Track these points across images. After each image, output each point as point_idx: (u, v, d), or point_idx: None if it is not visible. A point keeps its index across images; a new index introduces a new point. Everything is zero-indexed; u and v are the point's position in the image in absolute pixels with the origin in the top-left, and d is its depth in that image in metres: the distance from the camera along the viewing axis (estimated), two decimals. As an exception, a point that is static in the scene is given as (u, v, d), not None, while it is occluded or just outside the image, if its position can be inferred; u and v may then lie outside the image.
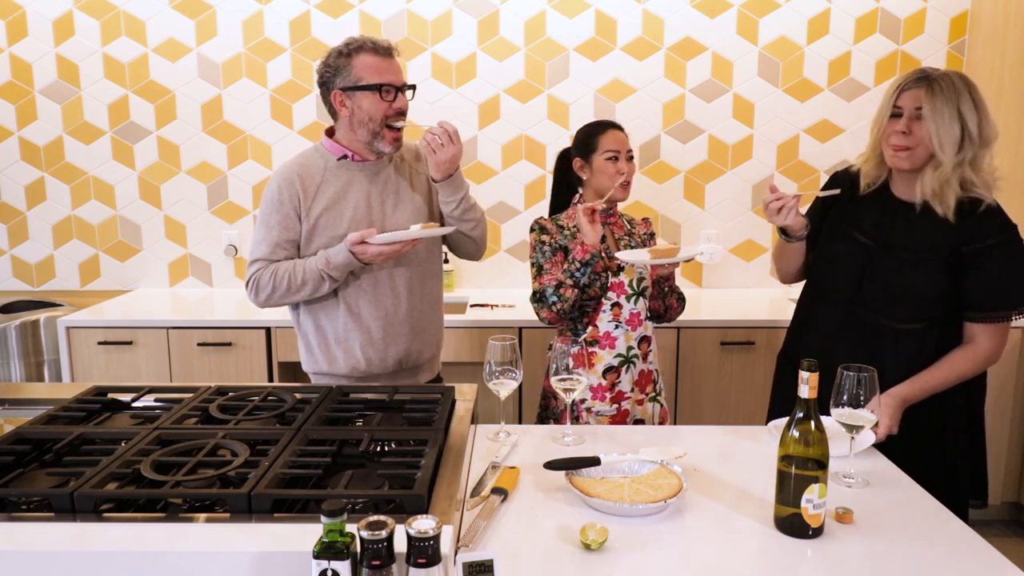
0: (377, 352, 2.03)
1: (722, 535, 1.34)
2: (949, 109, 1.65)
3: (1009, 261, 1.70)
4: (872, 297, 1.77)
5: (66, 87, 3.38)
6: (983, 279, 1.69)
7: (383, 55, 1.92)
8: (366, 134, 1.95)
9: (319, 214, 1.96)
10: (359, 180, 2.01)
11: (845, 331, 1.82)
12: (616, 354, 2.10)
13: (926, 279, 1.72)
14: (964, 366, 1.73)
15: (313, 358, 2.07)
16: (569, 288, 2.01)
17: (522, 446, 1.71)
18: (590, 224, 1.98)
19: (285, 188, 1.95)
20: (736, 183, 3.45)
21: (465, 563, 1.08)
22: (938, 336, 1.75)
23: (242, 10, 3.33)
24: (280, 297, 1.97)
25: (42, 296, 3.52)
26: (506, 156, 3.44)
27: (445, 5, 3.33)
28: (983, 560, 1.26)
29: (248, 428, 1.54)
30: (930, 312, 1.74)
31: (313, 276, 1.92)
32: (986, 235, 1.69)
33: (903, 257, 1.74)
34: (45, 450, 1.43)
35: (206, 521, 1.19)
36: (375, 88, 1.90)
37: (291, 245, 1.98)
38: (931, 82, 1.68)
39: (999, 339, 1.73)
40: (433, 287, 2.14)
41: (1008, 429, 2.99)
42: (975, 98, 1.68)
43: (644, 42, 3.36)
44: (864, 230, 1.80)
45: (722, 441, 1.78)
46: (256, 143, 3.43)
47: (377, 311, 2.01)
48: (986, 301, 1.71)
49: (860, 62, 3.36)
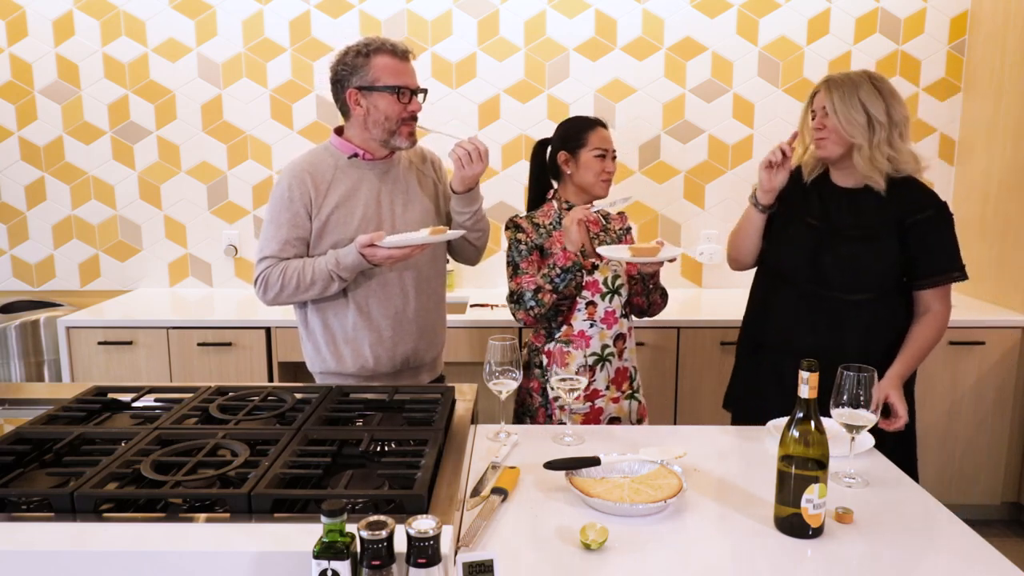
0: (386, 351, 2.04)
1: (722, 535, 1.34)
2: (849, 99, 1.87)
3: (946, 229, 1.92)
4: (826, 274, 1.93)
5: (66, 87, 3.38)
6: (927, 248, 1.90)
7: (401, 58, 1.94)
8: (381, 132, 1.96)
9: (330, 212, 1.96)
10: (369, 179, 2.01)
11: (804, 309, 1.97)
12: (591, 352, 2.09)
13: (874, 253, 1.91)
14: (930, 333, 1.92)
15: (320, 357, 2.07)
16: (548, 293, 2.01)
17: (522, 446, 1.71)
18: (578, 231, 1.99)
19: (296, 186, 1.96)
20: (736, 183, 3.45)
21: (465, 563, 1.08)
22: (890, 305, 1.95)
23: (242, 10, 3.33)
24: (289, 296, 1.97)
25: (42, 296, 3.52)
26: (506, 156, 3.44)
27: (445, 5, 3.33)
28: (983, 560, 1.26)
29: (248, 428, 1.54)
30: (880, 283, 1.93)
31: (323, 276, 1.92)
32: (923, 207, 1.90)
33: (852, 235, 1.92)
34: (45, 450, 1.43)
35: (206, 521, 1.19)
36: (393, 90, 1.92)
37: (300, 243, 1.98)
38: (830, 83, 1.92)
39: (948, 300, 1.95)
40: (438, 287, 2.16)
41: (1008, 429, 2.99)
42: (878, 87, 1.89)
43: (644, 42, 3.36)
44: (814, 214, 1.98)
45: (722, 441, 1.78)
46: (256, 143, 3.43)
47: (387, 310, 2.02)
48: (933, 267, 1.91)
49: (860, 62, 3.36)
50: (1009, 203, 3.09)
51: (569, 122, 2.17)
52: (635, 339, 2.22)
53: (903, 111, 1.90)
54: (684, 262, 3.54)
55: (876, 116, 1.86)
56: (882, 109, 1.86)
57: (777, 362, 1.99)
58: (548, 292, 2.01)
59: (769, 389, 2.01)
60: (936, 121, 3.44)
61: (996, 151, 3.17)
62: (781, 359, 1.96)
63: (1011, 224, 3.07)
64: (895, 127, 1.88)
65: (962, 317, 2.97)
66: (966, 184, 3.39)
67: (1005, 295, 3.10)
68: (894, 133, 1.88)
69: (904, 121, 1.89)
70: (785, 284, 2.01)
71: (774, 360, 2.01)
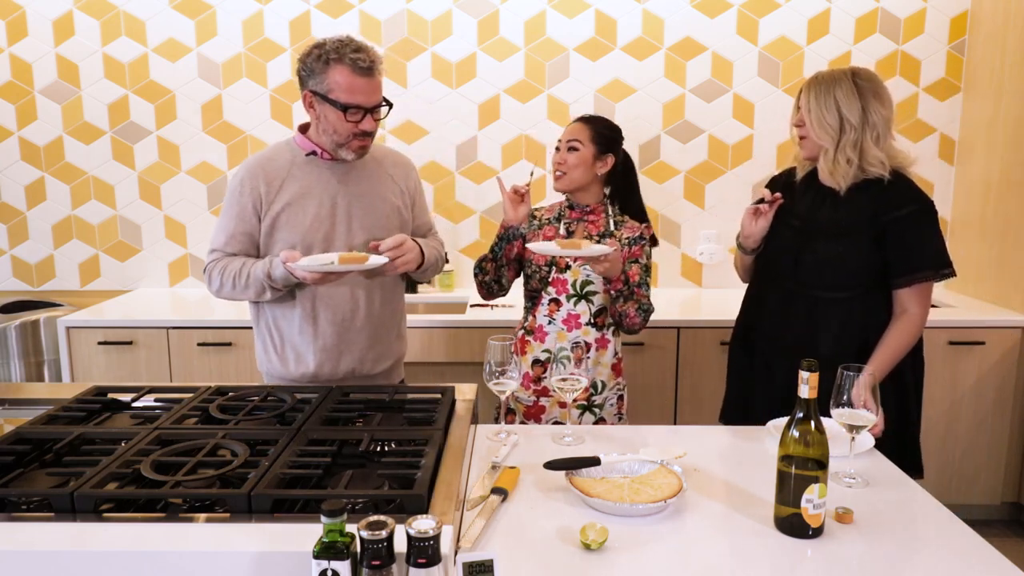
0: (330, 359, 1.96)
1: (722, 535, 1.34)
2: (825, 99, 1.86)
3: (925, 228, 1.88)
4: (807, 273, 1.95)
5: (66, 87, 3.38)
6: (905, 246, 1.87)
7: (360, 73, 1.81)
8: (330, 142, 1.90)
9: (280, 210, 1.90)
10: (326, 179, 1.94)
11: (789, 308, 1.99)
12: (544, 349, 2.14)
13: (852, 251, 1.90)
14: (904, 338, 1.89)
15: (267, 358, 2.02)
16: (489, 262, 2.14)
17: (522, 446, 1.71)
18: (510, 203, 2.05)
19: (247, 181, 1.90)
20: (736, 183, 3.45)
21: (465, 563, 1.08)
22: (868, 303, 1.93)
23: (242, 10, 3.33)
24: (229, 293, 1.91)
25: (42, 296, 3.52)
26: (506, 156, 3.44)
27: (445, 5, 3.33)
28: (983, 560, 1.26)
29: (248, 428, 1.54)
30: (858, 280, 1.92)
31: (255, 283, 1.86)
32: (902, 204, 1.87)
33: (829, 232, 1.92)
34: (45, 450, 1.43)
35: (206, 521, 1.19)
36: (343, 108, 1.83)
37: (246, 238, 1.92)
38: (810, 81, 1.90)
39: (926, 301, 1.91)
40: (394, 297, 2.07)
41: (1008, 429, 2.99)
42: (858, 84, 1.86)
43: (644, 42, 3.36)
44: (798, 215, 1.99)
45: (722, 441, 1.78)
46: (256, 143, 3.43)
47: (334, 316, 1.95)
48: (911, 265, 1.87)
49: (860, 62, 3.36)
50: (1009, 203, 3.09)
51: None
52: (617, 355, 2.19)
53: (884, 112, 1.86)
54: (684, 262, 3.54)
55: (848, 118, 1.84)
56: (856, 110, 1.84)
57: (765, 358, 2.03)
58: (489, 260, 2.15)
59: (759, 384, 2.06)
60: (936, 121, 3.44)
61: (996, 151, 3.17)
62: (768, 355, 2.02)
63: (1011, 224, 3.07)
64: (870, 129, 1.84)
65: (962, 317, 2.97)
66: (966, 184, 3.39)
67: (1005, 295, 3.10)
68: (866, 135, 1.84)
69: (883, 122, 1.86)
70: (771, 284, 2.04)
71: (764, 356, 2.04)
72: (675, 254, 3.53)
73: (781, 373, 1.96)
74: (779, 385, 1.96)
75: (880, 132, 1.85)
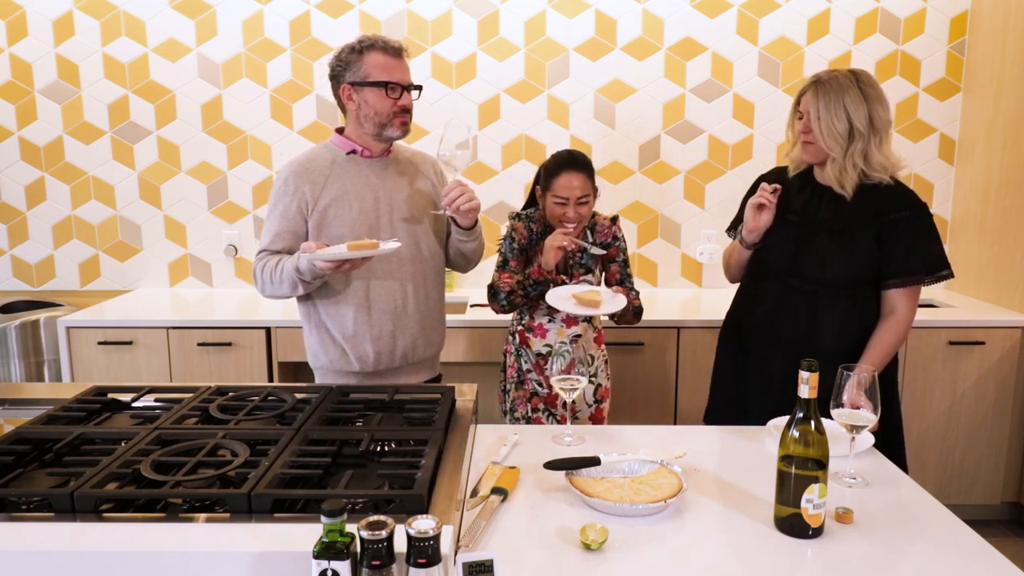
0: (386, 345, 2.06)
1: (722, 535, 1.34)
2: (835, 107, 1.87)
3: (922, 231, 1.92)
4: (805, 268, 1.97)
5: (66, 87, 3.38)
6: (900, 247, 1.92)
7: (392, 55, 1.98)
8: (373, 126, 2.00)
9: (327, 206, 1.99)
10: (367, 175, 2.04)
11: (785, 301, 2.01)
12: (545, 344, 2.27)
13: (851, 247, 1.93)
14: (891, 338, 1.93)
15: (323, 351, 2.08)
16: (519, 297, 2.21)
17: (522, 446, 1.71)
18: (553, 254, 2.12)
19: (292, 179, 1.99)
20: (736, 183, 3.45)
21: (465, 563, 1.08)
22: (863, 301, 1.96)
23: (242, 10, 3.33)
24: (272, 291, 2.00)
25: (42, 296, 3.52)
26: (506, 156, 3.44)
27: (445, 5, 3.33)
28: (983, 560, 1.26)
29: (248, 428, 1.54)
30: (854, 279, 1.95)
31: (288, 277, 1.93)
32: (900, 207, 1.92)
33: (831, 230, 1.95)
34: (45, 450, 1.43)
35: (206, 521, 1.19)
36: (382, 85, 1.95)
37: (290, 236, 2.00)
38: (817, 86, 1.91)
39: (914, 302, 1.96)
40: (437, 284, 2.18)
41: (1008, 429, 2.99)
42: (864, 91, 1.88)
43: (644, 42, 3.36)
44: (795, 211, 2.02)
45: (722, 441, 1.78)
46: (256, 143, 3.43)
47: (387, 305, 2.04)
48: (905, 266, 1.92)
49: (860, 62, 3.36)
50: (1009, 203, 3.09)
51: (552, 158, 2.25)
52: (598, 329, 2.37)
53: (886, 115, 1.90)
54: (684, 262, 3.54)
55: (857, 125, 1.86)
56: (864, 116, 1.86)
57: (760, 353, 2.05)
58: (520, 296, 2.20)
59: (753, 379, 2.07)
60: (936, 121, 3.44)
61: (996, 151, 3.17)
62: (763, 350, 2.04)
63: (1011, 224, 3.07)
64: (875, 134, 1.88)
65: (962, 317, 2.98)
66: (966, 184, 3.39)
67: (1005, 295, 3.10)
68: (872, 141, 1.88)
69: (886, 126, 1.90)
70: (767, 277, 2.06)
71: (758, 351, 2.06)
72: (675, 254, 3.54)
73: (778, 368, 1.98)
74: (775, 380, 1.97)
75: (883, 136, 1.90)
